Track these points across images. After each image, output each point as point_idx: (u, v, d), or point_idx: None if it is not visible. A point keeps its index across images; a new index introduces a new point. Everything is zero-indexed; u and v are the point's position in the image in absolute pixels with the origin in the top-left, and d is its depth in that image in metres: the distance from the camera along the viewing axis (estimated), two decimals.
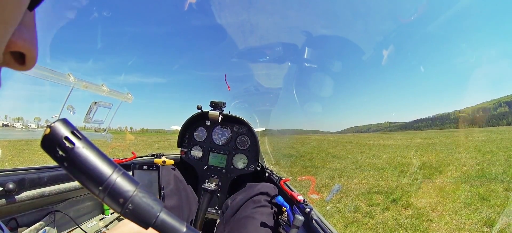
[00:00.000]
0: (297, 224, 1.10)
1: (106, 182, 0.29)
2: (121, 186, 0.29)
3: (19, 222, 0.95)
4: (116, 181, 0.29)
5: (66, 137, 0.28)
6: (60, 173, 1.10)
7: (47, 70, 1.26)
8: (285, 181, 1.67)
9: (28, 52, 0.28)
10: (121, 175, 0.30)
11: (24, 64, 0.29)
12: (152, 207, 0.31)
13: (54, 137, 0.28)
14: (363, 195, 6.11)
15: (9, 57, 0.27)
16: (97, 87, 1.41)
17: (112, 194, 0.29)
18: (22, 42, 0.27)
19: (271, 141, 17.27)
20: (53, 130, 0.28)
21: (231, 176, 1.89)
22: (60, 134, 0.28)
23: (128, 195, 0.30)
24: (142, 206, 0.30)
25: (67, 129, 0.29)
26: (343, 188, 6.81)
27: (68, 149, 0.28)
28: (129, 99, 1.68)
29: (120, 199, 0.29)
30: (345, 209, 5.18)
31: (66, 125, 0.29)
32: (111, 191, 0.29)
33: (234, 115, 1.95)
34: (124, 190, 0.29)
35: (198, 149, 1.99)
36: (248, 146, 1.95)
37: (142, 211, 0.30)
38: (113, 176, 0.29)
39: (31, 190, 0.96)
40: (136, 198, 0.30)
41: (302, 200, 1.36)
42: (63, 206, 1.15)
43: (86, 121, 1.37)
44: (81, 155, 0.28)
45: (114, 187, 0.29)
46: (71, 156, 0.28)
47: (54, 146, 0.28)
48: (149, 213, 0.31)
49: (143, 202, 0.30)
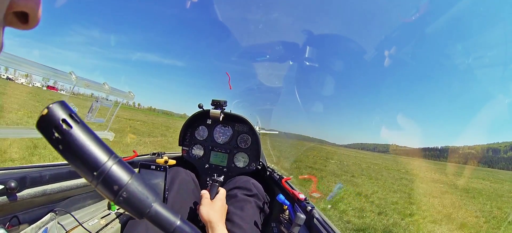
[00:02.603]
0: (298, 222, 1.09)
1: (101, 168, 0.28)
2: (116, 173, 0.29)
3: (20, 219, 0.95)
4: (112, 168, 0.29)
5: (64, 119, 0.28)
6: (63, 170, 1.10)
7: (49, 69, 1.27)
8: (286, 179, 1.66)
9: (31, 11, 0.27)
10: (117, 163, 0.30)
11: (27, 23, 0.28)
12: (146, 197, 0.31)
13: (51, 118, 0.27)
14: None
15: (12, 17, 0.27)
16: (98, 86, 1.42)
17: (106, 181, 0.28)
18: (24, 1, 0.26)
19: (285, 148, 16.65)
20: (50, 111, 0.27)
21: (232, 174, 1.89)
22: (57, 116, 0.28)
23: (123, 183, 0.29)
24: (136, 195, 0.30)
25: (65, 112, 0.28)
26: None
27: (65, 131, 0.27)
28: (130, 98, 1.68)
29: (115, 186, 0.29)
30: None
31: (65, 107, 0.29)
32: (106, 177, 0.28)
33: (236, 114, 1.95)
34: (119, 178, 0.29)
35: (199, 148, 1.99)
36: (249, 144, 1.95)
37: (136, 200, 0.30)
38: (109, 162, 0.29)
39: (33, 188, 0.96)
40: (131, 186, 0.29)
41: (303, 198, 1.35)
42: (65, 204, 1.15)
43: (88, 119, 1.37)
44: (78, 139, 0.28)
45: (109, 173, 0.28)
46: (67, 139, 0.27)
47: (51, 127, 0.27)
48: (143, 202, 0.30)
49: (138, 191, 0.30)
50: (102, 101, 1.38)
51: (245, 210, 1.26)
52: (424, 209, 7.73)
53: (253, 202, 1.33)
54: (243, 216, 1.23)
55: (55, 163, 1.15)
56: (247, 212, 1.26)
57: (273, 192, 1.77)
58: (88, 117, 1.35)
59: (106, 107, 1.46)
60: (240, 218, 1.21)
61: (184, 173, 1.46)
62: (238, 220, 1.19)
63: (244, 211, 1.25)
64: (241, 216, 1.22)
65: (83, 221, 1.21)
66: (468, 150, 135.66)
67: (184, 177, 1.42)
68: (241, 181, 1.42)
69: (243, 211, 1.25)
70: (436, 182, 15.89)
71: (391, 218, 5.93)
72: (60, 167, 1.11)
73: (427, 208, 7.99)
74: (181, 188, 1.35)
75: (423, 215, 6.89)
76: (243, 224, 1.19)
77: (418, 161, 52.80)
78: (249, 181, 1.42)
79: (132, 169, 0.31)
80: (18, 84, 33.20)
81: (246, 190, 1.37)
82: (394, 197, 8.89)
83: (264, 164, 2.03)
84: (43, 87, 23.41)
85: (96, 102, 1.36)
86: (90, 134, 0.29)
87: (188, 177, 1.47)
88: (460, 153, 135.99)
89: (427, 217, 6.80)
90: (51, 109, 0.27)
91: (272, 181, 1.92)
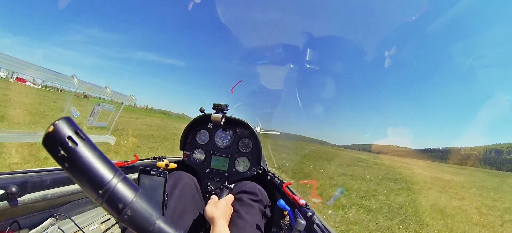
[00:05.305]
0: (298, 228, 1.09)
1: (107, 186, 0.28)
2: (121, 191, 0.29)
3: (21, 224, 0.95)
4: (117, 186, 0.29)
5: (70, 137, 0.28)
6: (63, 175, 1.10)
7: (52, 72, 1.27)
8: (287, 184, 1.65)
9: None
10: (121, 180, 0.30)
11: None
12: (150, 214, 0.31)
13: (57, 135, 0.27)
14: None
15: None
16: (100, 89, 1.42)
17: (111, 199, 0.28)
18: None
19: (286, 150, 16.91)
20: (56, 128, 0.27)
21: (233, 179, 1.88)
22: (63, 133, 0.27)
23: (127, 201, 0.29)
24: (140, 213, 0.30)
25: (71, 128, 0.28)
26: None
27: (71, 149, 0.27)
28: (132, 101, 1.68)
29: (119, 204, 0.29)
30: None
31: (70, 124, 0.28)
32: (111, 195, 0.28)
33: (237, 118, 1.95)
34: (123, 196, 0.29)
35: (200, 152, 1.99)
36: (250, 149, 1.95)
37: (141, 217, 0.30)
38: (114, 180, 0.29)
39: (33, 192, 0.96)
40: (135, 204, 0.29)
41: (304, 203, 1.34)
42: (65, 209, 1.15)
43: (89, 123, 1.38)
44: (83, 157, 0.28)
45: (114, 191, 0.28)
46: (73, 157, 0.27)
47: (57, 144, 0.27)
48: (147, 220, 0.30)
49: (142, 209, 0.30)
50: (104, 105, 1.39)
51: (249, 214, 1.27)
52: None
53: (257, 207, 1.33)
54: (248, 219, 1.24)
55: (56, 168, 1.15)
56: (252, 216, 1.27)
57: (274, 197, 1.76)
58: (90, 121, 1.35)
59: (108, 111, 1.47)
60: (244, 222, 1.21)
61: (186, 177, 1.45)
62: (242, 223, 1.20)
63: (249, 215, 1.26)
64: (245, 220, 1.23)
65: (83, 226, 1.20)
66: (470, 151, 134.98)
67: (186, 182, 1.42)
68: (248, 186, 1.43)
69: (248, 215, 1.26)
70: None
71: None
72: (61, 172, 1.11)
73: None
74: (182, 193, 1.34)
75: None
76: (246, 227, 1.19)
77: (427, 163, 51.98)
78: (255, 187, 1.43)
79: (136, 186, 0.31)
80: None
81: (252, 195, 1.37)
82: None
83: (265, 169, 2.02)
84: (10, 79, 23.36)
85: (97, 106, 1.36)
86: (95, 150, 0.29)
87: (190, 181, 1.47)
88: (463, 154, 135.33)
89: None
90: (56, 126, 0.27)
91: (273, 186, 1.91)
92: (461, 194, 11.97)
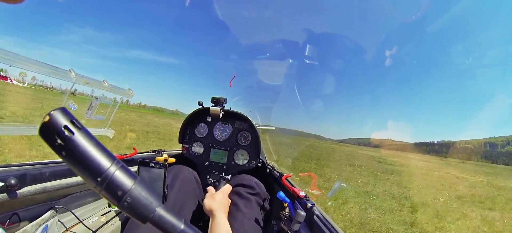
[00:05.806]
0: (298, 219, 1.10)
1: (105, 173, 0.28)
2: (120, 179, 0.29)
3: (21, 217, 0.95)
4: (115, 174, 0.29)
5: (66, 126, 0.28)
6: (62, 168, 1.10)
7: (49, 66, 1.26)
8: (286, 177, 1.66)
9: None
10: (119, 168, 0.30)
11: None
12: (150, 202, 0.31)
13: (53, 125, 0.27)
14: None
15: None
16: (98, 83, 1.41)
17: (110, 186, 0.28)
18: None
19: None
20: (52, 117, 0.27)
21: (232, 172, 1.89)
22: (59, 122, 0.27)
23: (126, 188, 0.29)
24: (140, 200, 0.30)
25: (67, 118, 0.28)
26: None
27: (67, 138, 0.27)
28: (130, 95, 1.67)
29: (118, 191, 0.29)
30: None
31: (65, 114, 0.28)
32: (110, 183, 0.28)
33: (236, 111, 1.95)
34: (122, 183, 0.29)
35: (199, 145, 1.99)
36: (249, 142, 1.95)
37: (140, 205, 0.30)
38: (112, 168, 0.29)
39: (33, 185, 0.96)
40: (134, 191, 0.30)
41: (303, 195, 1.36)
42: (65, 202, 1.15)
43: (88, 116, 1.37)
44: (80, 145, 0.28)
45: (112, 179, 0.28)
46: (70, 145, 0.27)
47: (53, 134, 0.27)
48: (147, 207, 0.30)
49: (141, 196, 0.30)
50: (102, 99, 1.38)
51: (247, 207, 1.28)
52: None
53: (254, 201, 1.34)
54: (246, 212, 1.25)
55: (55, 160, 1.15)
56: (249, 209, 1.28)
57: (273, 189, 1.77)
58: (87, 114, 1.34)
59: (106, 104, 1.46)
60: (242, 214, 1.23)
61: (186, 171, 1.46)
62: (241, 217, 1.21)
63: (247, 208, 1.27)
64: (243, 213, 1.24)
65: (83, 219, 1.21)
66: (464, 145, 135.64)
67: (186, 176, 1.43)
68: (245, 179, 1.44)
69: (246, 208, 1.27)
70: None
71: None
72: (60, 164, 1.11)
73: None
74: (182, 186, 1.35)
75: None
76: (245, 220, 1.20)
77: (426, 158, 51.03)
78: (252, 180, 1.44)
79: (135, 174, 0.31)
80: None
81: (249, 188, 1.38)
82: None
83: (264, 162, 2.03)
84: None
85: (95, 100, 1.35)
86: (91, 139, 0.29)
87: (190, 175, 1.47)
88: (458, 148, 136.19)
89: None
90: (52, 116, 0.27)
91: (272, 179, 1.93)
92: None
